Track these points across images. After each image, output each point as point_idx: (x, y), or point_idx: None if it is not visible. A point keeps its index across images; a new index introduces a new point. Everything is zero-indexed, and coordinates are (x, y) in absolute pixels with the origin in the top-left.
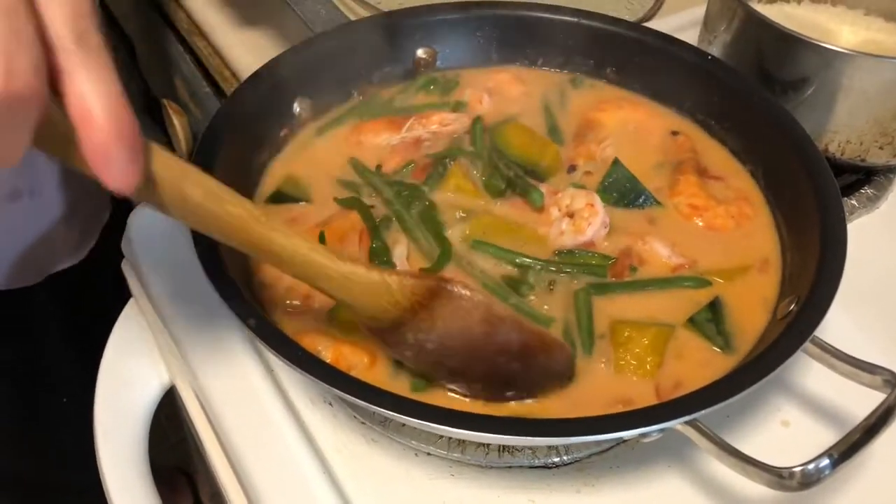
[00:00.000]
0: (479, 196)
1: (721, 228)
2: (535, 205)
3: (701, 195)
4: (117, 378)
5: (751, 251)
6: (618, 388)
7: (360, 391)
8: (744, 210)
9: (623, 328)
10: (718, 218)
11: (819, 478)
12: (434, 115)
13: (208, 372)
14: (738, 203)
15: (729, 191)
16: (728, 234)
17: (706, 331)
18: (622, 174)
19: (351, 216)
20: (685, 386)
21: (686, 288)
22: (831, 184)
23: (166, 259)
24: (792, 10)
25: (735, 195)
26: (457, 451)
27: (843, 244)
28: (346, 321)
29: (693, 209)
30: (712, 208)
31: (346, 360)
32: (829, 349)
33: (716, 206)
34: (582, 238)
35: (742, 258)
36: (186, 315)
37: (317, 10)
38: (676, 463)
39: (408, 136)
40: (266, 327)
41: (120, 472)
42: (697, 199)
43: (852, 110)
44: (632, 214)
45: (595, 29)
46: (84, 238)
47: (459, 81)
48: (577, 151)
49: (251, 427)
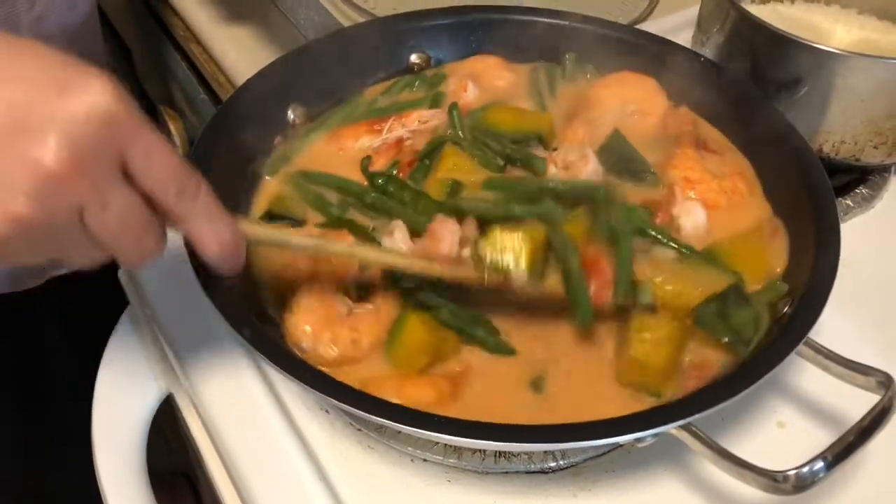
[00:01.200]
0: (477, 172)
1: (714, 204)
2: (539, 172)
3: (696, 168)
4: (115, 386)
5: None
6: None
7: (354, 400)
8: (738, 186)
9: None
10: (711, 192)
11: (813, 481)
12: (413, 113)
13: (205, 380)
14: (732, 178)
15: (725, 166)
16: (720, 213)
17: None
18: (619, 141)
19: (343, 234)
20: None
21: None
22: (825, 184)
23: (162, 268)
24: (785, 10)
25: (731, 170)
26: (453, 457)
27: (837, 245)
28: (402, 356)
29: (687, 182)
30: (706, 182)
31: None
32: (823, 351)
33: (710, 180)
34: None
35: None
36: (183, 323)
37: (310, 17)
38: (673, 466)
39: (389, 137)
40: (260, 337)
41: (117, 481)
42: (693, 173)
43: (846, 110)
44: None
45: (588, 32)
46: None
47: (446, 74)
48: (571, 130)
49: (248, 435)
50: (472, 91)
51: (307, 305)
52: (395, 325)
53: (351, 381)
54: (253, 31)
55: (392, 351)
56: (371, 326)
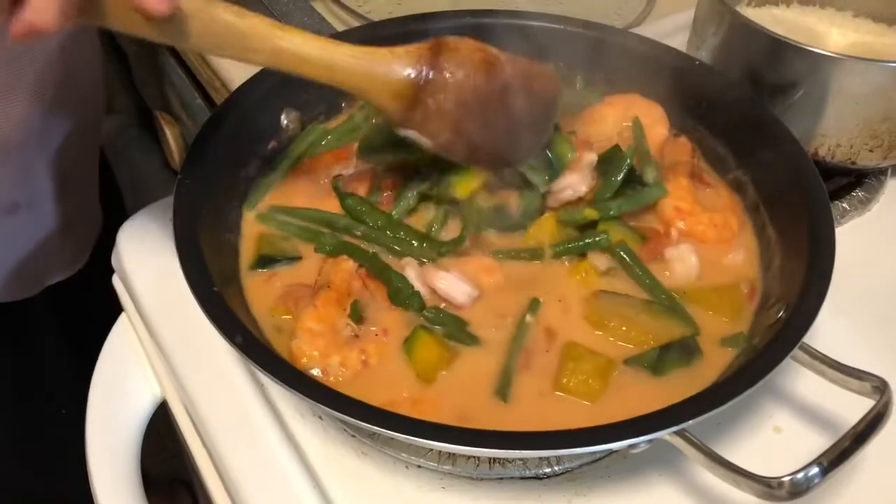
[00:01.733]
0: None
1: (701, 237)
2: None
3: (688, 199)
4: (109, 393)
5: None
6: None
7: (346, 407)
8: (728, 221)
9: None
10: (700, 225)
11: (809, 486)
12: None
13: (198, 386)
14: (723, 213)
15: (718, 199)
16: (709, 247)
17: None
18: (617, 153)
19: (341, 263)
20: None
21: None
22: (819, 189)
23: (155, 274)
24: (781, 14)
25: (723, 205)
26: (447, 464)
27: (832, 250)
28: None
29: (678, 212)
30: (697, 214)
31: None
32: (818, 356)
33: (700, 212)
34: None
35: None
36: (176, 330)
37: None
38: (668, 472)
39: (360, 163)
40: (252, 344)
41: (111, 488)
42: (684, 203)
43: (841, 113)
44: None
45: (582, 35)
46: (78, 251)
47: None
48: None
49: (241, 441)
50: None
51: (311, 329)
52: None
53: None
54: None
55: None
56: (379, 348)
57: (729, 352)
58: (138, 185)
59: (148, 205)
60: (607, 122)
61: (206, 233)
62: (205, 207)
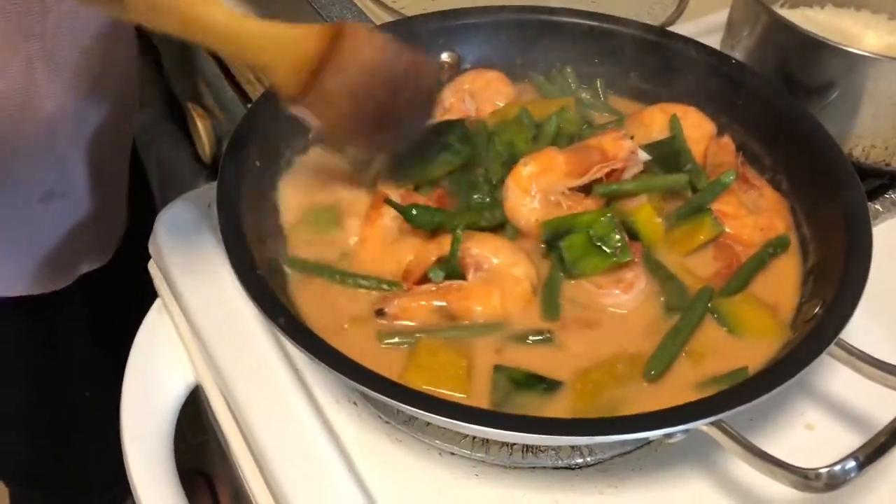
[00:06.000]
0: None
1: (747, 242)
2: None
3: (732, 201)
4: (144, 378)
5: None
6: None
7: (386, 388)
8: (774, 223)
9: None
10: (746, 228)
11: (845, 479)
12: None
13: (234, 371)
14: (768, 215)
15: (762, 201)
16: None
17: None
18: (667, 142)
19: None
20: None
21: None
22: (856, 188)
23: (192, 259)
24: (815, 15)
25: (767, 207)
26: (480, 451)
27: (869, 248)
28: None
29: (722, 215)
30: (741, 217)
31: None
32: (855, 352)
33: (745, 215)
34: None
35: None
36: (212, 314)
37: (343, 15)
38: (699, 465)
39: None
40: (295, 325)
41: (147, 471)
42: (728, 206)
43: (877, 114)
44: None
45: (617, 33)
46: (110, 239)
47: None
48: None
49: (277, 426)
50: (469, 104)
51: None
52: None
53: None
54: None
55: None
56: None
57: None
58: (167, 177)
59: (178, 196)
60: (656, 122)
61: (248, 217)
62: (246, 195)
